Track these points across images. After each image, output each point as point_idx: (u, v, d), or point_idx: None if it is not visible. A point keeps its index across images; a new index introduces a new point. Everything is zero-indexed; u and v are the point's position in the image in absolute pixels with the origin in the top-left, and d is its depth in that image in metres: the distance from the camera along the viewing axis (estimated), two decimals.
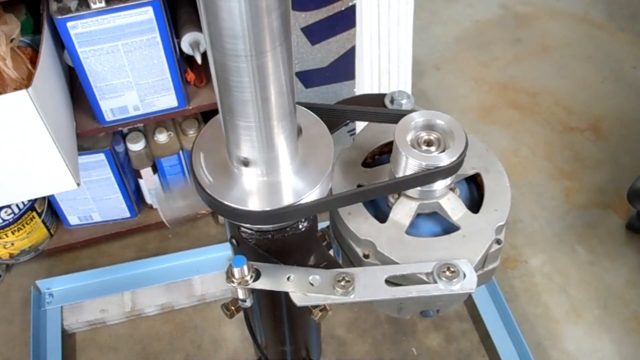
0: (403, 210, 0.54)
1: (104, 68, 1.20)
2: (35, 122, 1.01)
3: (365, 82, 1.48)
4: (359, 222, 0.54)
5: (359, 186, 0.53)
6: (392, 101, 0.62)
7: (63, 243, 1.58)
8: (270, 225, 0.53)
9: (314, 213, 0.53)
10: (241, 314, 0.66)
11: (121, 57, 1.19)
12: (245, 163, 0.49)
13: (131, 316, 1.53)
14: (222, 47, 0.40)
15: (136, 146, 1.48)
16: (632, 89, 2.09)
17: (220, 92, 0.45)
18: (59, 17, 1.10)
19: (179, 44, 1.28)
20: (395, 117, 0.54)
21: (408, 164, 0.51)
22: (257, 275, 0.51)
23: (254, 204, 0.49)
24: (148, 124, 1.51)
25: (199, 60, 1.28)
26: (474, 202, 0.57)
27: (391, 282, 0.50)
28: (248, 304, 0.54)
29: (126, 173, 1.52)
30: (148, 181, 1.56)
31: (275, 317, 0.67)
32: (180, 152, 1.52)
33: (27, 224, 1.45)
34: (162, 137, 1.50)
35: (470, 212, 0.55)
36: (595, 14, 2.37)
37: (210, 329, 1.52)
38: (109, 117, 1.31)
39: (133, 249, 1.67)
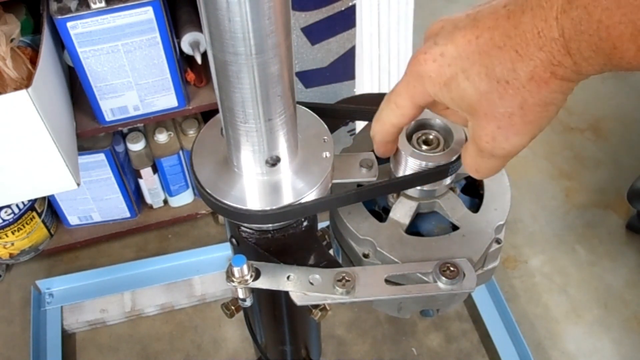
0: (403, 210, 0.54)
1: (104, 68, 1.20)
2: (35, 122, 1.01)
3: (365, 82, 1.48)
4: (359, 222, 0.54)
5: (358, 186, 0.53)
6: None
7: (63, 243, 1.58)
8: (270, 225, 0.53)
9: (314, 212, 0.53)
10: (241, 313, 0.66)
11: (121, 57, 1.20)
12: (246, 162, 0.50)
13: (131, 316, 1.53)
14: (222, 46, 0.40)
15: (136, 146, 1.48)
16: (632, 89, 2.09)
17: (220, 91, 0.45)
18: (59, 17, 1.10)
19: (179, 44, 1.28)
20: None
21: (408, 164, 0.51)
22: (257, 275, 0.51)
23: (254, 204, 0.49)
24: (148, 124, 1.51)
25: (199, 60, 1.28)
26: (474, 202, 0.57)
27: (391, 281, 0.50)
28: (248, 303, 0.54)
29: (126, 173, 1.52)
30: (148, 181, 1.56)
31: (275, 316, 0.67)
32: (180, 152, 1.52)
33: (27, 224, 1.45)
34: (162, 137, 1.50)
35: (470, 212, 0.55)
36: None
37: (210, 329, 1.52)
38: (109, 117, 1.31)
39: (133, 249, 1.67)
